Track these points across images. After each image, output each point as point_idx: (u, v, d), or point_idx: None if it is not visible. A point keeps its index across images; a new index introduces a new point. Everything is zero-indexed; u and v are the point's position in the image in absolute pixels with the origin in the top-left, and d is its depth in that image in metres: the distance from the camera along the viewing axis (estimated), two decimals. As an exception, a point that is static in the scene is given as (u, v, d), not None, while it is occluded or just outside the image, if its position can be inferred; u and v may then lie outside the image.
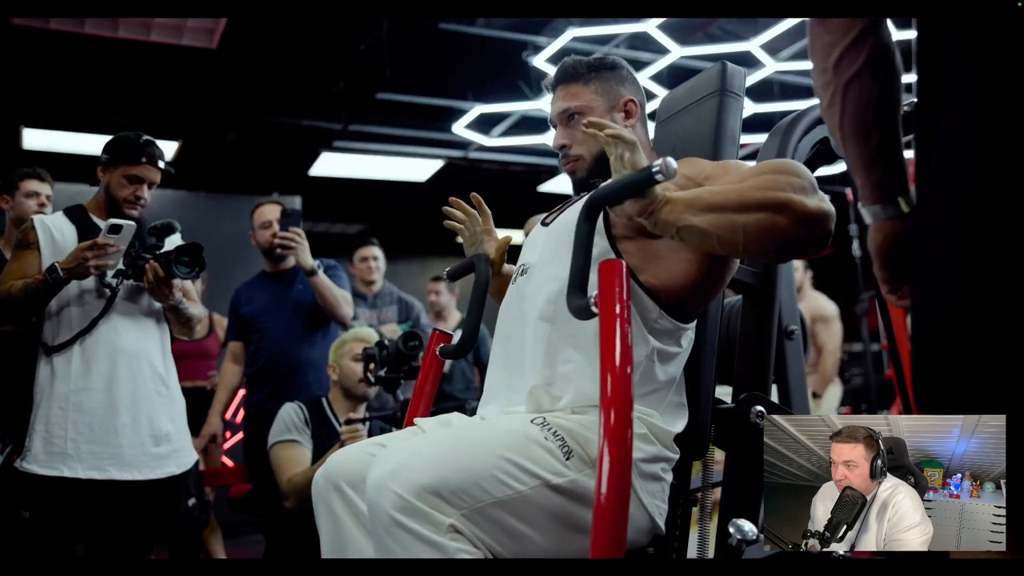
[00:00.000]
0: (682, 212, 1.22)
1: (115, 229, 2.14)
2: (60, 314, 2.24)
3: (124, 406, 2.22)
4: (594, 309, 1.14)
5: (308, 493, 2.39)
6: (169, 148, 6.59)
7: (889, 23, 1.00)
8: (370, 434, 2.57)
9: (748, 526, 1.21)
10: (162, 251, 2.25)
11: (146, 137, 2.33)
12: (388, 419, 2.71)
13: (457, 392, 4.19)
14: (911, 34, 0.94)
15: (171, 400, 2.35)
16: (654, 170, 1.15)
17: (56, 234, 2.27)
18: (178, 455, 2.32)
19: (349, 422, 2.49)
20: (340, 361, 2.79)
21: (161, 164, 2.34)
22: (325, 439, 2.64)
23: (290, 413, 2.69)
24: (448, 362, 4.29)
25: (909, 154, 1.00)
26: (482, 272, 1.65)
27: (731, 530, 1.21)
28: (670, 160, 1.14)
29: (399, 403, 2.67)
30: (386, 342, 2.64)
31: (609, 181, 1.27)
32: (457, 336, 1.70)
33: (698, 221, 1.22)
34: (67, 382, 2.19)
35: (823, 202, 1.24)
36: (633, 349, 1.37)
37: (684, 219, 1.22)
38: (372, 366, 2.64)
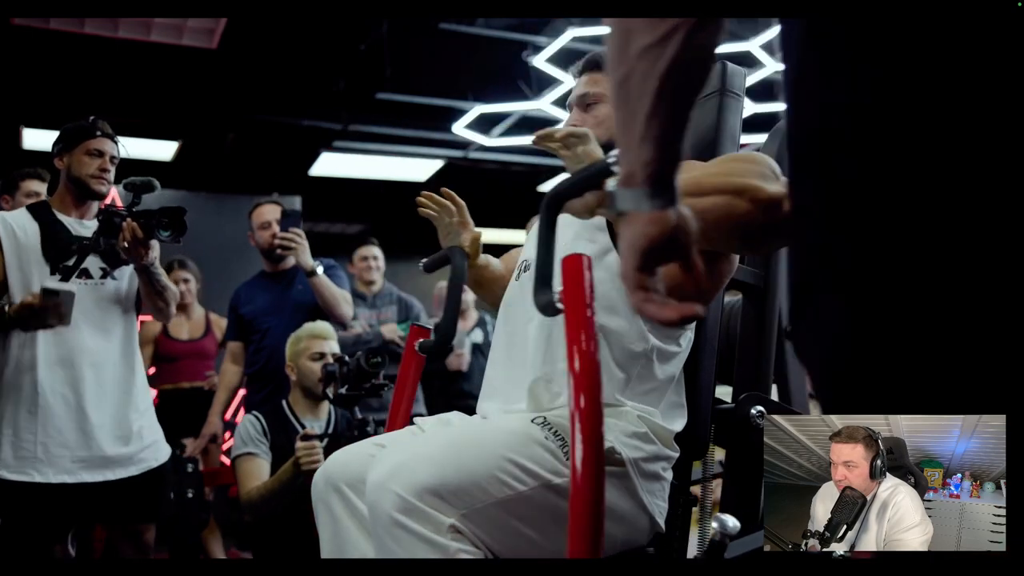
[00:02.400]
0: None
1: (50, 295, 2.06)
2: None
3: (91, 408, 2.21)
4: (559, 305, 1.12)
5: (263, 509, 2.38)
6: (169, 148, 6.60)
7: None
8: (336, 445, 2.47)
9: (731, 521, 1.19)
10: (140, 210, 2.21)
11: (93, 116, 2.32)
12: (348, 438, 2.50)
13: (476, 390, 4.17)
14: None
15: (139, 398, 2.34)
16: (610, 161, 1.14)
17: (19, 232, 2.24)
18: (152, 450, 2.32)
19: (305, 438, 2.37)
20: (298, 360, 2.66)
21: (117, 141, 2.32)
22: (287, 445, 2.47)
23: (247, 426, 2.58)
24: (466, 360, 4.25)
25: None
26: (457, 265, 1.61)
27: (714, 524, 1.19)
28: None
29: (356, 421, 2.53)
30: (346, 358, 2.52)
31: (568, 175, 1.24)
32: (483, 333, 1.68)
33: None
34: (33, 386, 2.18)
35: (783, 187, 1.21)
36: (630, 347, 1.37)
37: None
38: (333, 384, 2.52)
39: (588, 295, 1.10)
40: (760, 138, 1.83)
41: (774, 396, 1.68)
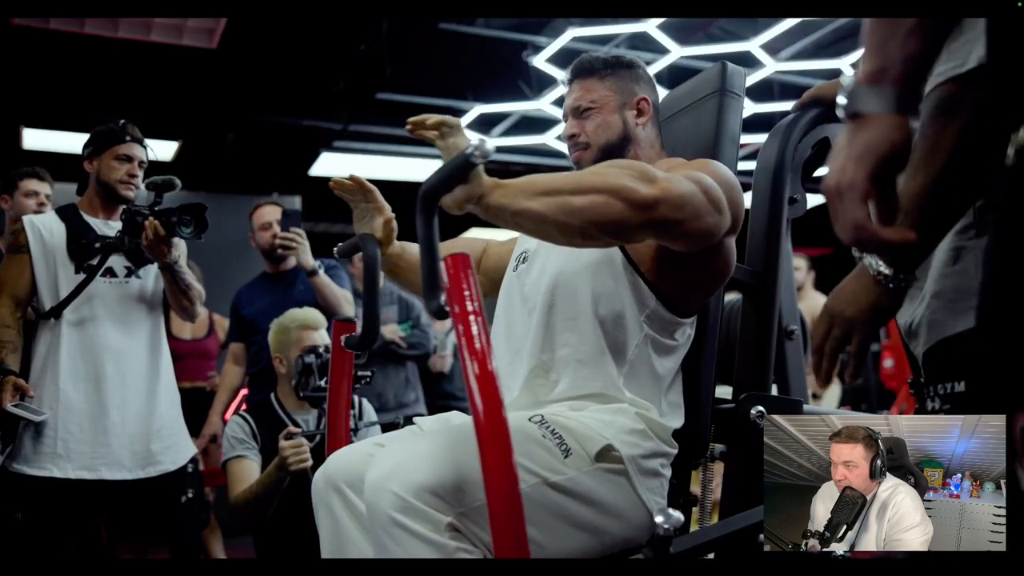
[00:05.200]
0: (516, 196, 1.21)
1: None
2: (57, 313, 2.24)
3: (113, 405, 2.22)
4: (446, 308, 1.09)
5: (249, 513, 2.32)
6: (169, 148, 6.60)
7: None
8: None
9: (676, 513, 1.18)
10: (162, 208, 2.23)
11: (124, 120, 2.35)
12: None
13: (458, 391, 4.17)
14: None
15: (163, 397, 2.34)
16: (468, 152, 1.12)
17: (46, 234, 2.28)
18: (172, 452, 2.32)
19: (289, 436, 2.25)
20: (288, 353, 2.50)
21: (146, 145, 2.35)
22: (276, 443, 2.32)
23: (234, 428, 2.48)
24: (449, 361, 4.26)
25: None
26: (368, 252, 1.54)
27: (659, 519, 1.18)
28: (486, 141, 1.12)
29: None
30: (320, 349, 2.39)
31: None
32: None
33: (534, 204, 1.21)
34: (55, 382, 2.19)
35: (656, 190, 1.24)
36: (627, 337, 1.38)
37: (518, 203, 1.21)
38: (307, 379, 2.35)
39: (473, 294, 1.06)
40: (760, 138, 1.83)
41: (774, 396, 1.68)
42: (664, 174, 1.28)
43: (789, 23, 4.66)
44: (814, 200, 1.63)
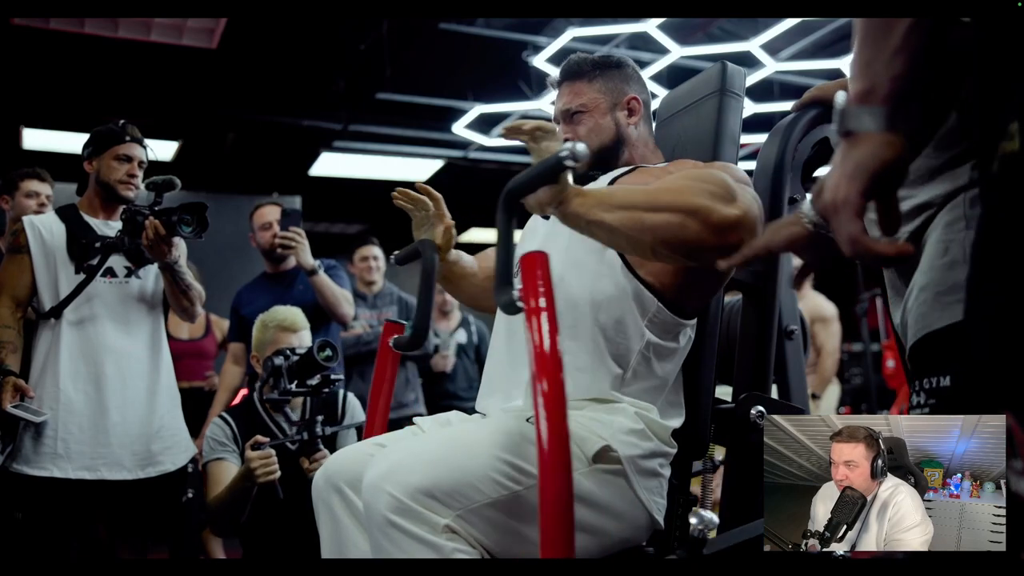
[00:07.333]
0: (593, 206, 1.21)
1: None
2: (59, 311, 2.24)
3: (113, 406, 2.22)
4: (519, 304, 1.10)
5: (220, 517, 2.25)
6: (169, 148, 6.60)
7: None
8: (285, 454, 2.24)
9: (709, 514, 1.20)
10: (162, 207, 2.23)
11: (123, 120, 2.35)
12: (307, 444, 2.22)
13: (461, 391, 4.18)
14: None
15: (164, 397, 2.34)
16: (562, 155, 1.12)
17: (46, 234, 2.28)
18: (172, 452, 2.32)
19: (256, 446, 2.15)
20: (263, 352, 2.41)
21: (146, 146, 2.35)
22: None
23: (215, 431, 2.39)
24: (451, 361, 4.27)
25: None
26: (428, 258, 1.56)
27: (692, 520, 1.20)
28: (578, 144, 1.12)
29: (303, 422, 2.26)
30: (287, 351, 2.28)
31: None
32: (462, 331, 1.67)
33: (608, 217, 1.20)
34: (55, 382, 2.19)
35: (738, 210, 1.21)
36: (628, 343, 1.37)
37: (593, 213, 1.21)
38: (276, 381, 2.24)
39: (548, 292, 1.07)
40: (760, 138, 1.83)
41: (774, 396, 1.68)
42: (741, 191, 1.24)
43: (789, 23, 4.66)
44: (814, 200, 1.63)
